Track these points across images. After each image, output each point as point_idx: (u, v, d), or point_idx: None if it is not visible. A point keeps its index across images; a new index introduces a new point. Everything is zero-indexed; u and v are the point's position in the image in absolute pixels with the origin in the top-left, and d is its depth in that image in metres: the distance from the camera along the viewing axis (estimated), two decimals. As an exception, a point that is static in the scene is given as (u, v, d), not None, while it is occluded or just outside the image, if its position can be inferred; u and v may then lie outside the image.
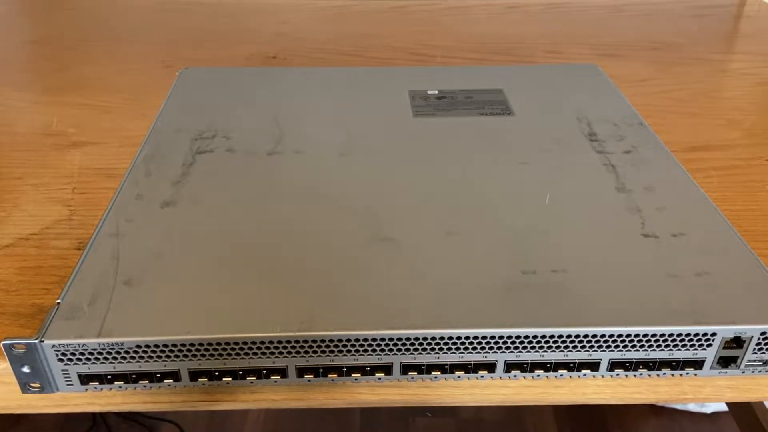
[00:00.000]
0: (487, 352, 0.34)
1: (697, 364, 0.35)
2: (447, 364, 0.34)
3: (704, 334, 0.33)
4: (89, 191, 0.48)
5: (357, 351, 0.33)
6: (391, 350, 0.33)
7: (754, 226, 0.44)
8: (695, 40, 0.80)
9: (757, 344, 0.34)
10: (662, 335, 0.33)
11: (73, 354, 0.32)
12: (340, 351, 0.33)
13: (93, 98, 0.63)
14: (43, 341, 0.32)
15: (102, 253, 0.38)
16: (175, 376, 0.34)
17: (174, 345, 0.32)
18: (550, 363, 0.34)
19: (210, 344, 0.33)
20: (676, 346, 0.34)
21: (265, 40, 0.79)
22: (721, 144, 0.56)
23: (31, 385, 0.33)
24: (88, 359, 0.33)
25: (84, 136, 0.55)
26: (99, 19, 0.87)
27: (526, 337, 0.33)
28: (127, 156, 0.49)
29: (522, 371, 0.35)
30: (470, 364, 0.34)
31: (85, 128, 0.57)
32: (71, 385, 0.34)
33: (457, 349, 0.34)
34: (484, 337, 0.33)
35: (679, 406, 1.14)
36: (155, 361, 0.33)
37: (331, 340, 0.33)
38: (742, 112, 0.62)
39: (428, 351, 0.34)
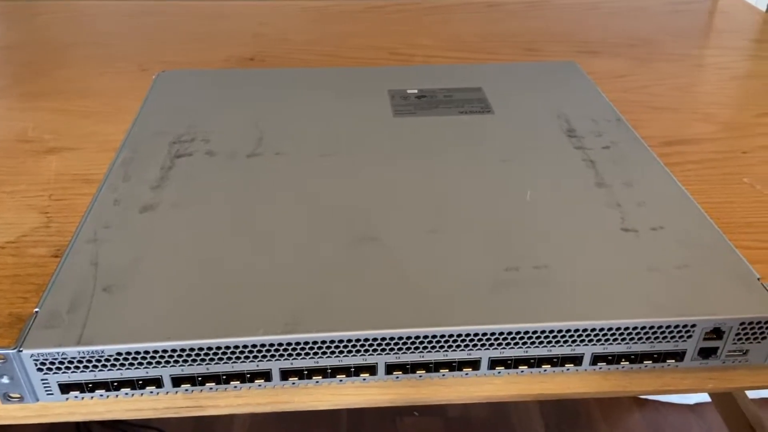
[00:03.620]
0: (471, 350, 0.34)
1: (679, 355, 0.35)
2: (431, 363, 0.34)
3: (684, 326, 0.34)
4: (67, 197, 0.47)
5: (341, 352, 0.33)
6: (375, 350, 0.33)
7: (732, 218, 0.45)
8: (672, 36, 0.81)
9: (737, 334, 0.34)
10: (643, 328, 0.34)
11: (52, 363, 0.32)
12: (324, 352, 0.33)
13: (69, 103, 0.62)
14: (21, 350, 0.31)
15: (80, 260, 0.37)
16: (157, 382, 0.33)
17: (155, 351, 0.32)
18: (534, 358, 0.34)
19: (192, 349, 0.32)
20: (657, 338, 0.34)
21: (242, 41, 0.78)
22: (698, 138, 0.56)
23: (11, 395, 0.33)
24: (68, 368, 0.32)
25: (61, 142, 0.55)
26: (75, 24, 0.86)
27: (510, 333, 0.33)
28: (104, 161, 0.48)
29: (506, 367, 0.35)
30: (455, 362, 0.34)
31: (62, 133, 0.56)
32: (51, 394, 0.33)
33: (441, 347, 0.34)
34: (467, 335, 0.33)
35: (662, 398, 1.15)
36: (137, 368, 0.33)
37: (315, 342, 0.33)
38: (718, 106, 0.62)
39: (412, 350, 0.34)
